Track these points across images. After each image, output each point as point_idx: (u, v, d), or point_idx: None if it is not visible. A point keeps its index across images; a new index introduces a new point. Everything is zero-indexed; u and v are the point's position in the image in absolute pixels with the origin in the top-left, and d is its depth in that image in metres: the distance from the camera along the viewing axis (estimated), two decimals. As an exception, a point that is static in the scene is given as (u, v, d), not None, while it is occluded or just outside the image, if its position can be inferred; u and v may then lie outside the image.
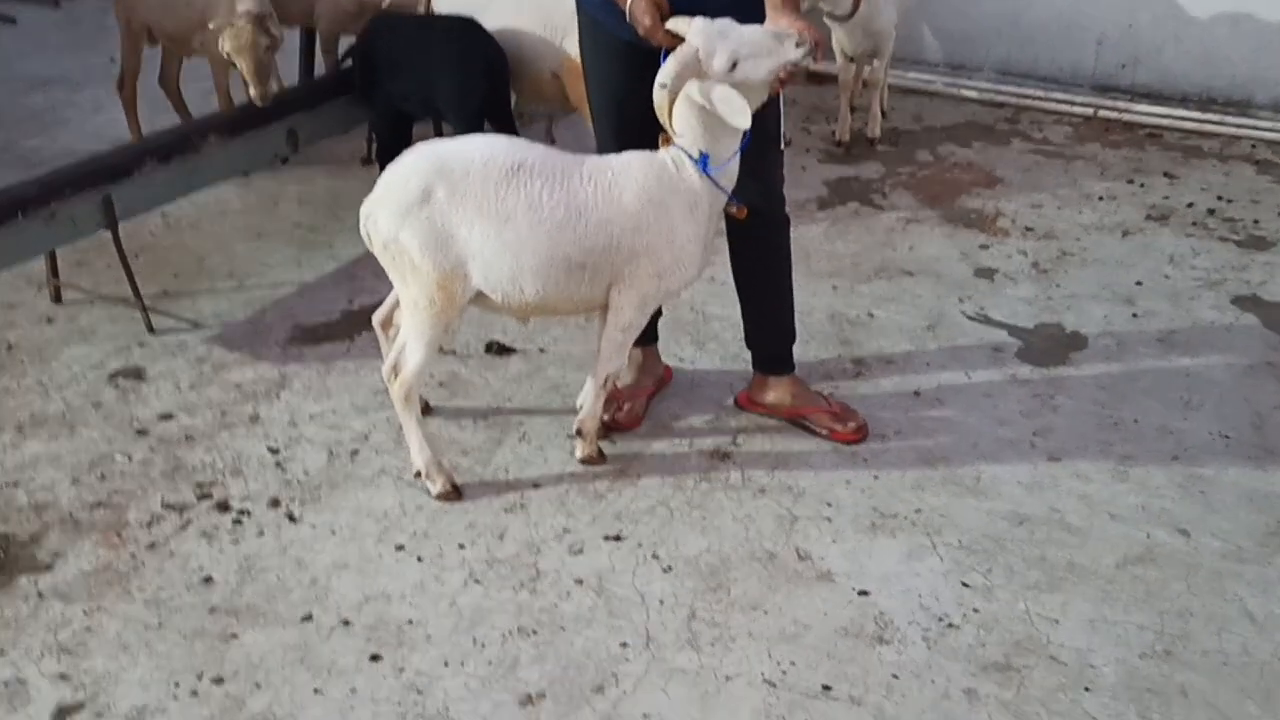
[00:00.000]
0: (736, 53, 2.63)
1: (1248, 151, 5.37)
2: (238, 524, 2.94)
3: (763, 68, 2.67)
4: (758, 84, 2.70)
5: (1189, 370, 3.62)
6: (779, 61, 2.66)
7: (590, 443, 3.16)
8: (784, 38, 2.67)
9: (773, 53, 2.66)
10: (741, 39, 2.65)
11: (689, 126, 2.76)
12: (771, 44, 2.66)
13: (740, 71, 2.65)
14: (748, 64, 2.65)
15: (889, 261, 4.34)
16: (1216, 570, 2.79)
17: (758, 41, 2.66)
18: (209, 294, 4.08)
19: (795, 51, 2.66)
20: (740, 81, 2.66)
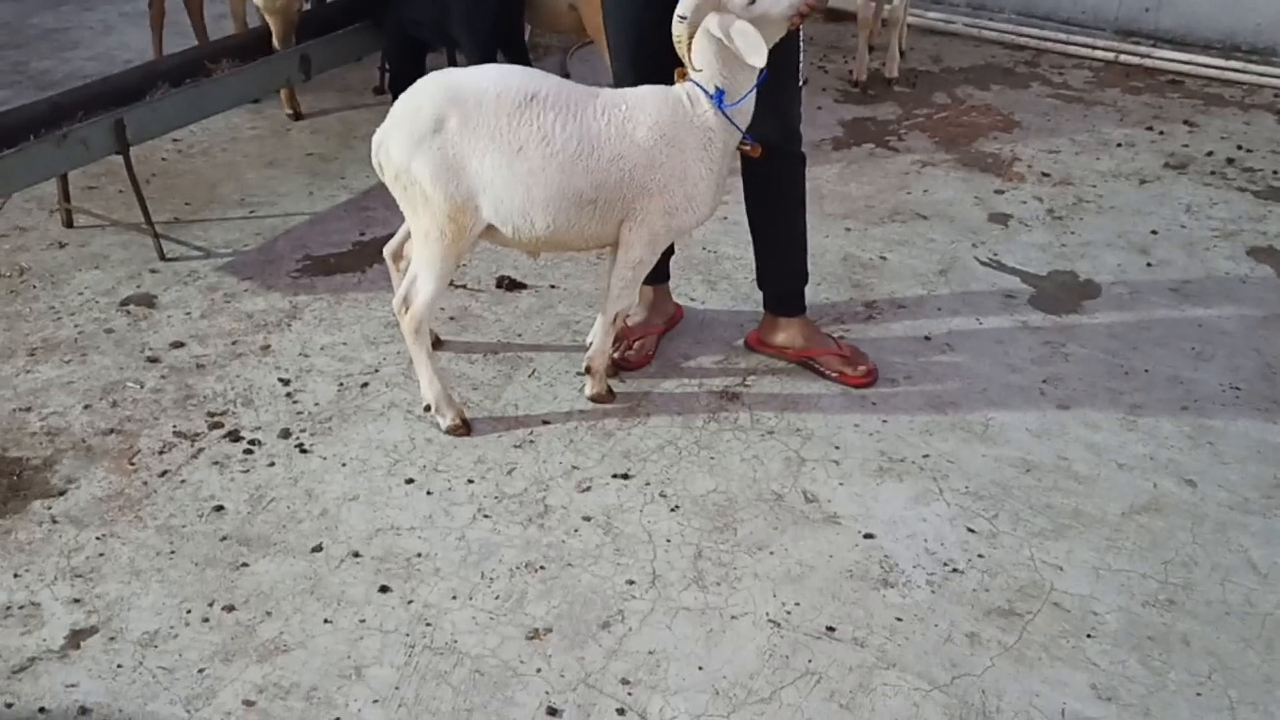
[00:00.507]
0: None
1: (1270, 100, 5.30)
2: (249, 454, 2.96)
3: (783, 2, 2.63)
4: (777, 18, 2.66)
5: (1201, 321, 3.60)
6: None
7: (599, 380, 3.17)
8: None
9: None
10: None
11: (706, 61, 2.72)
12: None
13: (760, 6, 2.62)
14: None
15: (903, 204, 4.31)
16: (1222, 521, 2.81)
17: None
18: (220, 222, 4.07)
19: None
20: (759, 16, 2.62)
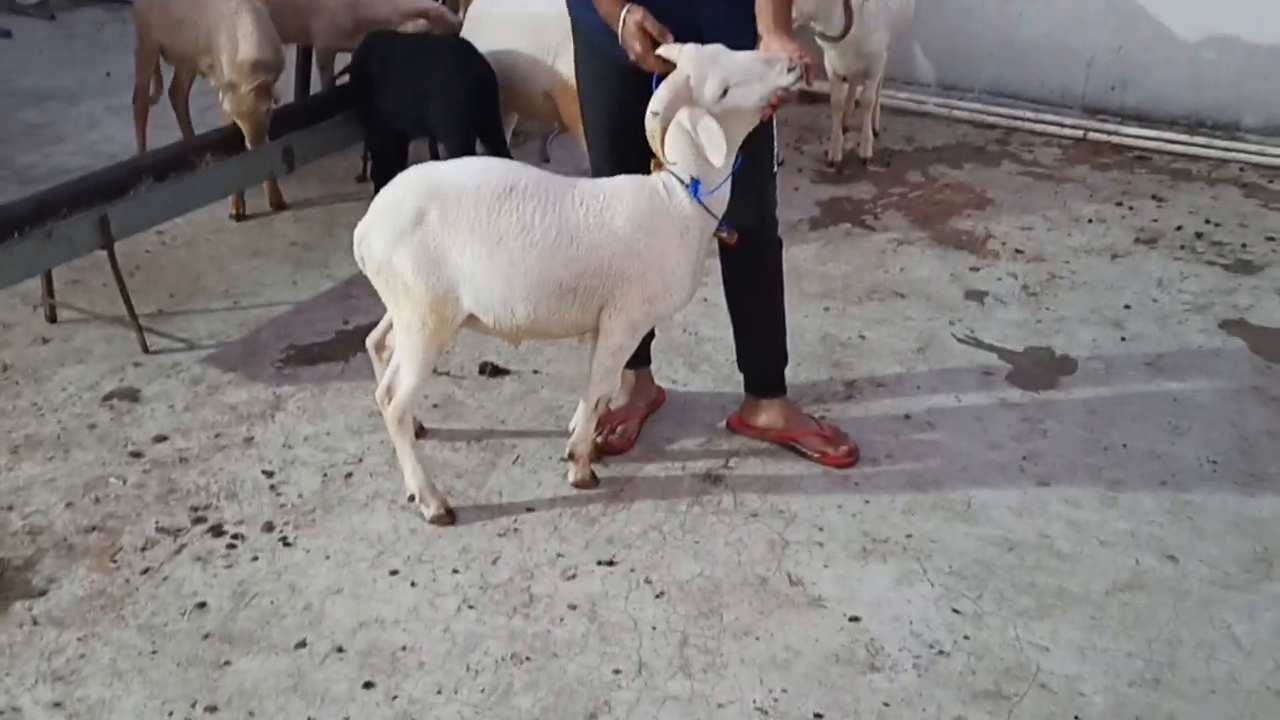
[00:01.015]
0: (727, 79, 2.65)
1: (1235, 175, 5.42)
2: (232, 548, 2.95)
3: (754, 94, 2.68)
4: (749, 110, 2.71)
5: (1177, 395, 3.65)
6: (770, 87, 2.67)
7: (583, 466, 3.18)
8: (775, 63, 2.68)
9: (764, 78, 2.66)
10: (732, 65, 2.66)
11: (681, 151, 2.78)
12: (762, 69, 2.67)
13: (731, 98, 2.67)
14: (739, 91, 2.66)
15: (880, 283, 4.37)
16: (1205, 597, 2.82)
17: (748, 68, 2.67)
18: (204, 313, 4.10)
19: (786, 77, 2.66)
20: (732, 108, 2.68)
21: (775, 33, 2.81)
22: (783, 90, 2.69)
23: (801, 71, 2.67)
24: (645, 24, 2.80)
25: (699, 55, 2.68)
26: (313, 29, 5.03)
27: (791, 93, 2.72)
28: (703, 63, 2.67)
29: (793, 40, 2.79)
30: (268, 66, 4.29)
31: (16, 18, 7.84)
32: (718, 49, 2.70)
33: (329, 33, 5.00)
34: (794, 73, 2.67)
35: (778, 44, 2.76)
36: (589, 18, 3.00)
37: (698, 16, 2.87)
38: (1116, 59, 5.98)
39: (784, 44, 2.76)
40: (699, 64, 2.67)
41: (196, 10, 4.50)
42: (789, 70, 2.67)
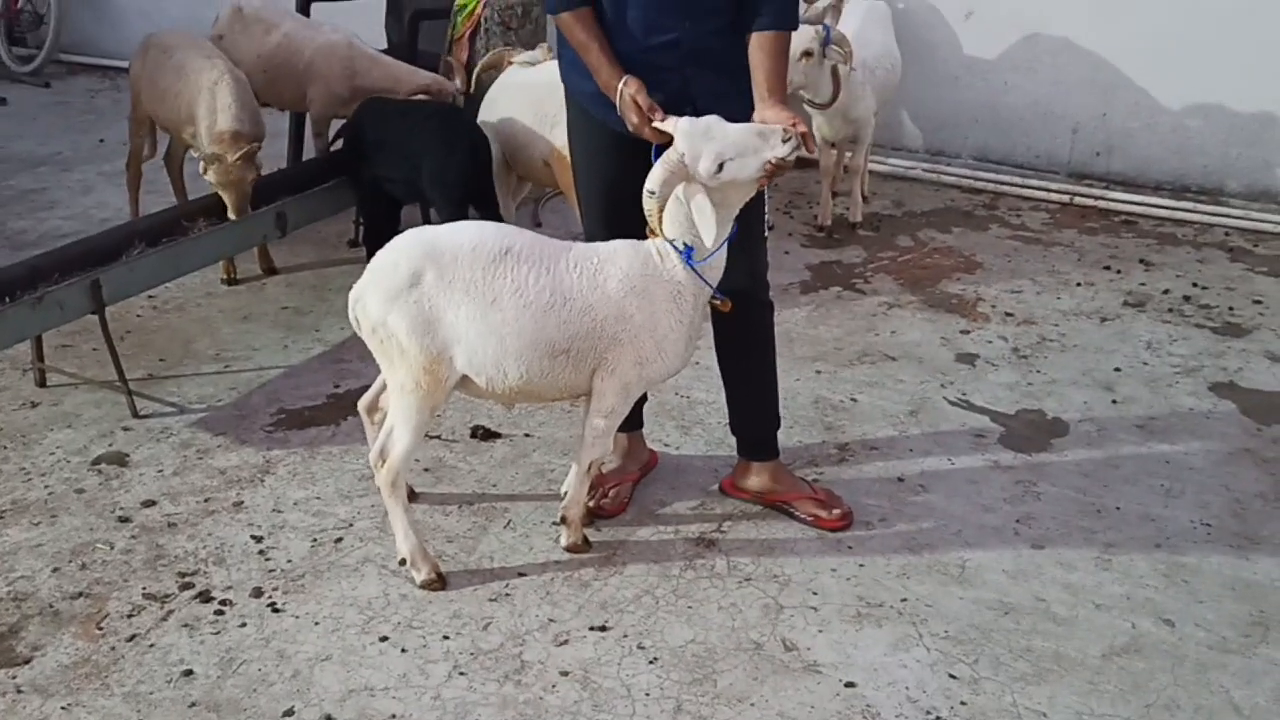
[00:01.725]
0: (722, 154, 2.66)
1: (1221, 239, 5.48)
2: (219, 614, 2.91)
3: (750, 166, 2.69)
4: (745, 181, 2.73)
5: (1169, 457, 3.65)
6: (765, 159, 2.68)
7: (575, 530, 3.16)
8: (769, 134, 2.69)
9: (758, 150, 2.68)
10: (726, 139, 2.67)
11: (675, 219, 2.79)
12: (757, 142, 2.68)
13: (727, 172, 2.68)
14: (734, 164, 2.67)
15: (871, 346, 4.38)
16: (1202, 661, 2.80)
17: (743, 141, 2.68)
18: (194, 377, 4.09)
19: (782, 148, 2.67)
20: (728, 181, 2.69)
21: (769, 101, 2.83)
22: (779, 161, 2.69)
23: (798, 142, 2.68)
24: (638, 97, 2.84)
25: (693, 130, 2.70)
26: (309, 96, 5.08)
27: (788, 163, 2.72)
28: (696, 138, 2.69)
29: (787, 108, 2.81)
30: (247, 137, 4.32)
31: (12, 85, 7.93)
32: (712, 122, 2.71)
33: (325, 100, 5.05)
34: (789, 143, 2.67)
35: (772, 113, 2.78)
36: (584, 87, 3.04)
37: (687, 84, 2.91)
38: (1101, 125, 6.07)
39: (779, 113, 2.77)
40: (693, 139, 2.69)
41: (180, 81, 4.53)
42: (784, 141, 2.68)
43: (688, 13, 2.88)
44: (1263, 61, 5.61)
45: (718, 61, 2.95)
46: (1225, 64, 5.69)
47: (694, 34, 2.90)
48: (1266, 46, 5.57)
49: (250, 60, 4.98)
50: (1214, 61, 5.70)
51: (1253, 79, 5.66)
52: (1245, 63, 5.65)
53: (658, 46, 2.90)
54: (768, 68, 2.85)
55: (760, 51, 2.86)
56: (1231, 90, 5.73)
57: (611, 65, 2.89)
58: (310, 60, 5.02)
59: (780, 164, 2.70)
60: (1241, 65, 5.66)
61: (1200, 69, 5.75)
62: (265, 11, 5.18)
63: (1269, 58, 5.59)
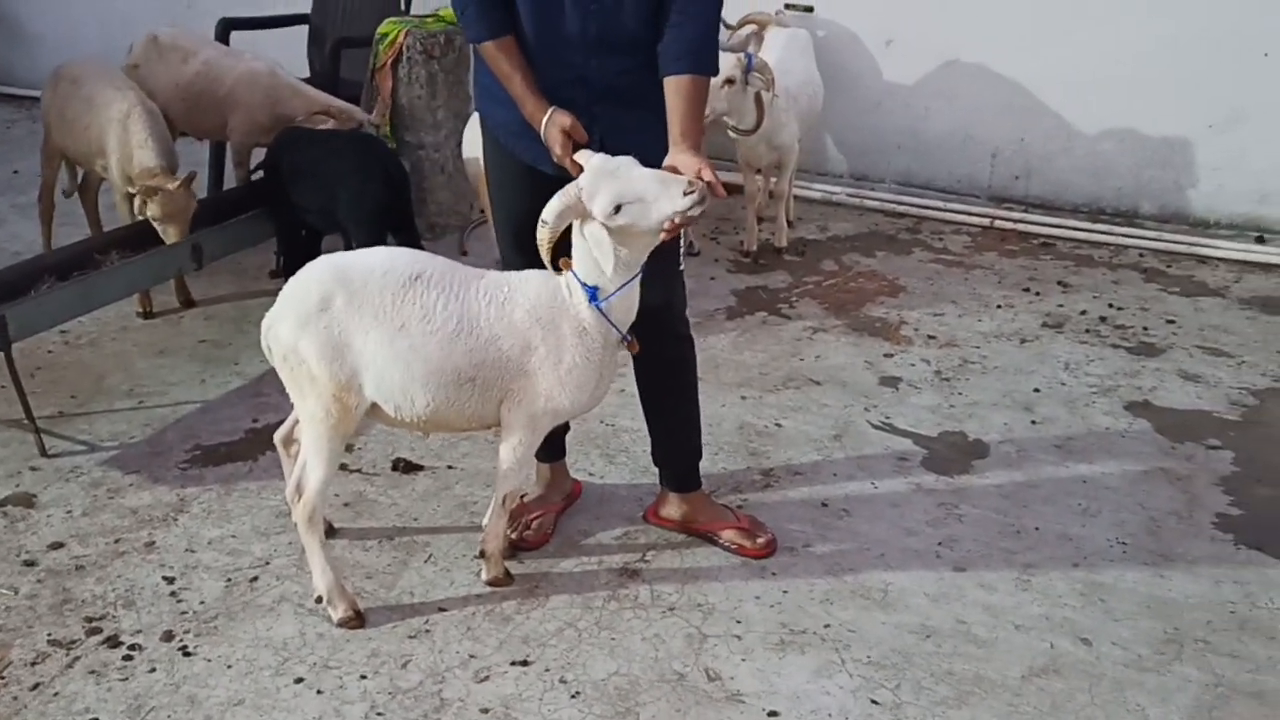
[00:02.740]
0: (621, 197, 2.59)
1: (1135, 260, 5.60)
2: (128, 660, 2.83)
3: (648, 215, 2.59)
4: (646, 230, 2.64)
5: (1086, 477, 3.70)
6: (665, 211, 2.57)
7: (496, 564, 3.12)
8: (672, 184, 2.57)
9: (658, 199, 2.56)
10: (629, 183, 2.59)
11: (580, 257, 2.76)
12: (658, 190, 2.58)
13: (625, 215, 2.60)
14: (633, 209, 2.59)
15: (796, 371, 4.40)
16: (1118, 680, 2.83)
17: (645, 187, 2.59)
18: (106, 414, 3.99)
19: (680, 201, 2.55)
20: (626, 226, 2.62)
21: (681, 146, 2.73)
22: (680, 217, 2.58)
23: (701, 194, 2.55)
24: (572, 130, 2.80)
25: (600, 169, 2.64)
26: (230, 125, 5.02)
27: (689, 217, 2.60)
28: (599, 177, 2.62)
29: (699, 154, 2.70)
30: (167, 170, 4.25)
31: (-77, 116, 7.74)
32: (623, 162, 2.64)
33: (247, 129, 4.99)
34: (690, 197, 2.55)
35: (683, 159, 2.68)
36: (496, 115, 3.02)
37: (595, 121, 2.85)
38: (1020, 150, 6.19)
39: (689, 160, 2.67)
40: (595, 178, 2.63)
41: (90, 113, 4.45)
42: (685, 194, 2.55)
43: (595, 51, 2.83)
44: (1173, 86, 5.77)
45: (630, 99, 2.88)
46: (1137, 90, 5.83)
47: (602, 72, 2.85)
48: (1176, 72, 5.73)
49: (168, 89, 4.91)
50: (1127, 87, 5.85)
51: (1164, 104, 5.81)
52: (1156, 88, 5.80)
53: (565, 83, 2.84)
54: (682, 111, 2.76)
55: (675, 95, 2.77)
56: (1144, 115, 5.88)
57: (536, 96, 2.84)
58: (231, 89, 4.96)
59: (681, 219, 2.60)
60: (1152, 91, 5.81)
61: (1114, 95, 5.89)
62: (182, 39, 5.11)
63: (1179, 83, 5.75)
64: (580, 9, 2.79)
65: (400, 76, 5.30)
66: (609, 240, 2.68)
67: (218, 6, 6.44)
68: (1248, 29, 5.57)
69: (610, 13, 2.79)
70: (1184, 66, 5.70)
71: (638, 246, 2.71)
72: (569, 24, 2.81)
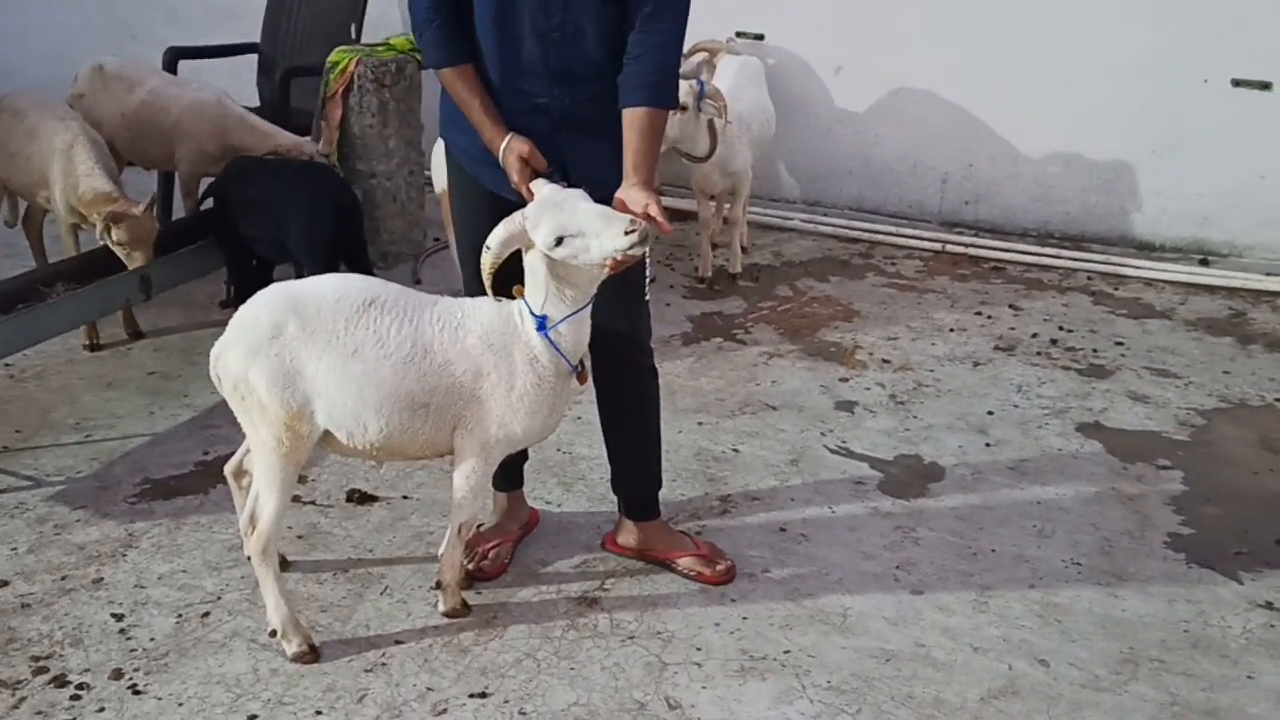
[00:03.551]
0: (563, 229, 2.58)
1: (1084, 283, 5.68)
2: (75, 699, 2.76)
3: (590, 250, 2.58)
4: (588, 265, 2.62)
5: (1040, 498, 3.73)
6: (605, 249, 2.56)
7: (453, 594, 3.09)
8: (615, 221, 2.56)
9: (600, 236, 2.55)
10: (573, 216, 2.59)
11: (531, 286, 2.76)
12: (600, 226, 2.56)
13: (566, 248, 2.59)
14: (575, 242, 2.58)
15: (752, 396, 4.41)
16: (1076, 700, 2.84)
17: (587, 222, 2.58)
18: (52, 449, 3.91)
19: (621, 240, 2.53)
20: (569, 258, 2.61)
21: (632, 179, 2.73)
22: (620, 255, 2.56)
23: (642, 234, 2.52)
24: (530, 158, 2.80)
25: (547, 199, 2.65)
26: (177, 155, 4.96)
27: (630, 256, 2.57)
28: (545, 207, 2.63)
29: (649, 190, 2.69)
30: (112, 198, 4.19)
31: None
32: (569, 195, 2.64)
33: (194, 159, 4.94)
34: (631, 236, 2.52)
35: (633, 195, 2.69)
36: (457, 140, 3.02)
37: (559, 150, 2.86)
38: (969, 175, 6.27)
39: (638, 196, 2.68)
40: (540, 208, 2.63)
41: (32, 144, 4.38)
42: (626, 233, 2.53)
43: (556, 80, 2.83)
44: (1116, 112, 5.88)
45: (592, 128, 2.88)
46: (1082, 115, 5.94)
47: (564, 102, 2.85)
48: (1118, 98, 5.84)
49: (113, 119, 4.85)
50: (1071, 113, 5.95)
51: (1107, 129, 5.92)
52: (1100, 114, 5.91)
53: (526, 111, 2.85)
54: (636, 145, 2.76)
55: (631, 128, 2.77)
56: (1088, 140, 5.98)
57: (494, 123, 2.84)
58: (178, 119, 4.91)
59: (621, 260, 2.58)
60: (1096, 116, 5.91)
61: (1058, 121, 5.99)
62: (127, 69, 5.06)
63: (1121, 108, 5.86)
64: (541, 38, 2.79)
65: (351, 105, 5.26)
66: (545, 270, 2.68)
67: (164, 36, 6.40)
68: (1188, 56, 5.70)
69: (572, 42, 2.80)
70: (1127, 93, 5.82)
71: (581, 279, 2.70)
72: (530, 52, 2.81)
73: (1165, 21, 5.71)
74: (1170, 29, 5.72)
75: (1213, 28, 5.66)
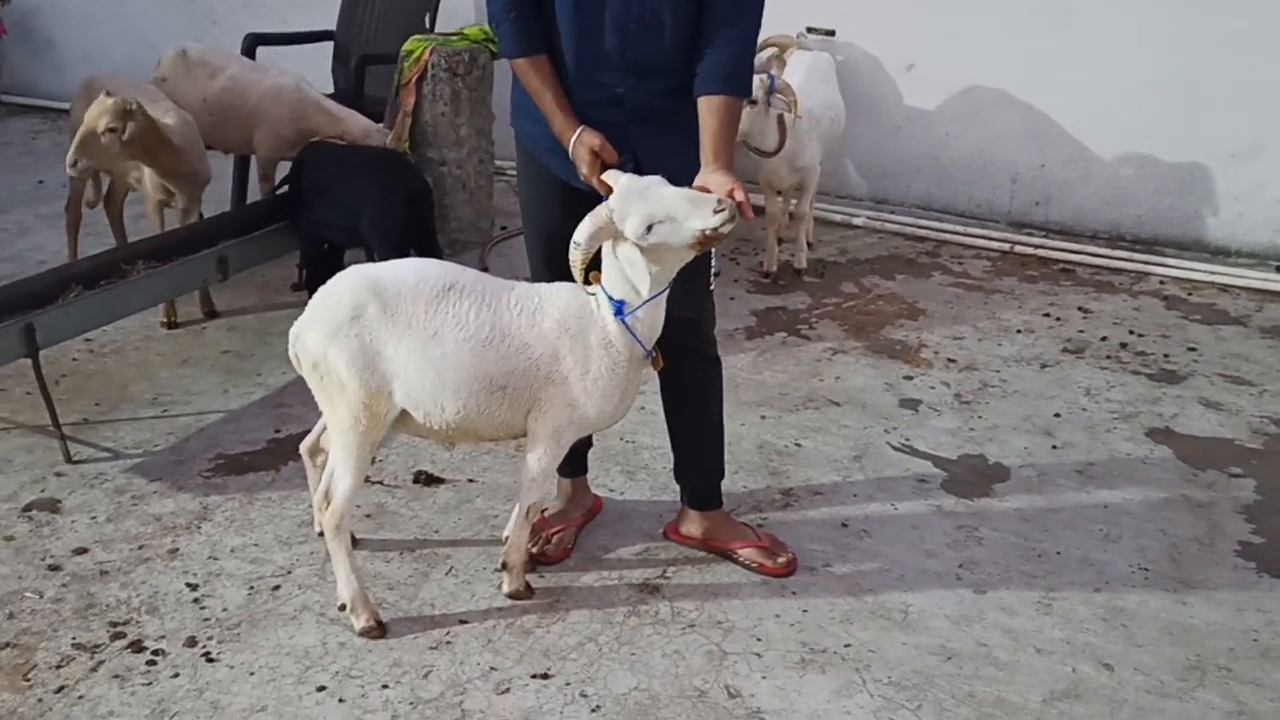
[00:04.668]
0: (652, 216, 2.61)
1: (1156, 287, 5.59)
2: (151, 665, 2.84)
3: (680, 233, 2.62)
4: (677, 247, 2.66)
5: (1107, 503, 3.69)
6: (696, 228, 2.59)
7: (517, 577, 3.13)
8: (703, 203, 2.59)
9: (689, 218, 2.59)
10: (660, 203, 2.62)
11: (609, 273, 2.79)
12: (689, 209, 2.61)
13: (656, 235, 2.63)
14: (664, 228, 2.62)
15: (816, 391, 4.41)
16: (1141, 706, 2.82)
17: (675, 206, 2.61)
18: (131, 422, 4.01)
19: (712, 219, 2.57)
20: (658, 244, 2.65)
21: (713, 166, 2.75)
22: (710, 233, 2.60)
23: (731, 213, 2.57)
24: (601, 151, 2.83)
25: (629, 189, 2.67)
26: (255, 139, 5.06)
27: (720, 234, 2.63)
28: (629, 198, 2.65)
29: (730, 174, 2.72)
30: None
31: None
32: (651, 182, 2.67)
33: (272, 143, 5.03)
34: (721, 215, 2.57)
35: (715, 178, 2.70)
36: (529, 129, 3.05)
37: (630, 141, 2.89)
38: (1040, 175, 6.20)
39: (721, 180, 2.69)
40: (625, 199, 2.66)
41: None
42: (716, 212, 2.58)
43: (631, 71, 2.86)
44: (1192, 115, 5.77)
45: (664, 121, 2.91)
46: (1157, 118, 5.84)
47: (638, 93, 2.88)
48: (1197, 102, 5.73)
49: (194, 103, 4.95)
50: (1146, 115, 5.86)
51: (1183, 131, 5.82)
52: (1176, 116, 5.80)
53: (600, 102, 2.87)
54: (714, 131, 2.78)
55: (708, 115, 2.79)
56: (1163, 143, 5.88)
57: (566, 115, 2.87)
58: (257, 103, 5.00)
59: (711, 235, 2.62)
60: (1172, 118, 5.81)
61: (1133, 123, 5.90)
62: (210, 55, 5.16)
63: (1198, 111, 5.75)
64: (619, 28, 2.82)
65: (424, 94, 5.33)
66: (642, 259, 2.71)
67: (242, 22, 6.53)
68: (1269, 60, 5.58)
69: (649, 33, 2.82)
70: (1205, 96, 5.71)
71: (669, 262, 2.74)
72: (607, 44, 2.83)
73: (1246, 26, 5.60)
74: (1251, 34, 5.60)
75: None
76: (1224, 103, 5.69)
